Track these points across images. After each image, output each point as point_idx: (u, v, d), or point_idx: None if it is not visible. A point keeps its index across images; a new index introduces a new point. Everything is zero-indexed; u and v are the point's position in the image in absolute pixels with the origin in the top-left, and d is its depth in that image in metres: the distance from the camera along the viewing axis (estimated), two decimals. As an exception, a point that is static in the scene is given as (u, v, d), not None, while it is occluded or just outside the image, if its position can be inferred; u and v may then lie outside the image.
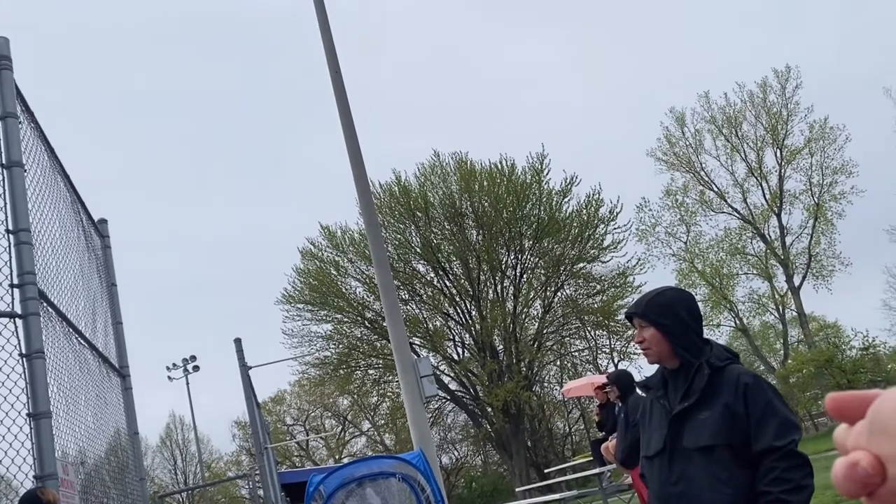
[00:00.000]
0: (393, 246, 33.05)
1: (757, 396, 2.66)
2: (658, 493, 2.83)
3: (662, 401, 2.86)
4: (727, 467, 2.64)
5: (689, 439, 2.72)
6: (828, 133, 35.15)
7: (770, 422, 2.62)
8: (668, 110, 37.82)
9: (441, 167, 34.03)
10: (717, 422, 2.66)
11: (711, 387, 2.72)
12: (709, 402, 2.71)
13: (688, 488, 2.70)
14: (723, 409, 2.67)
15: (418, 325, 33.83)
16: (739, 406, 2.66)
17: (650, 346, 2.83)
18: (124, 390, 6.60)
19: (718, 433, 2.65)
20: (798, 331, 38.11)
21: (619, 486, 11.74)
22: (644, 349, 2.86)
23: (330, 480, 4.90)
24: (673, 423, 2.77)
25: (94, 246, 6.57)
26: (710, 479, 2.65)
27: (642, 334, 2.86)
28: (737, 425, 2.65)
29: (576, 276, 33.94)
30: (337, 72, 10.52)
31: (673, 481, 2.75)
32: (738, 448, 2.64)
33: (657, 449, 2.82)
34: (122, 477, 6.10)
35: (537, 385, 35.70)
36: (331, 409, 46.34)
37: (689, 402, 2.73)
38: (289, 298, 34.55)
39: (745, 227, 36.70)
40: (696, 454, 2.69)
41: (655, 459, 2.84)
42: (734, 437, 2.64)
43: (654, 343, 2.83)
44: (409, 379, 9.43)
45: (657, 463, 2.83)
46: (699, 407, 2.72)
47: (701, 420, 2.70)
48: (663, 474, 2.80)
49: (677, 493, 2.73)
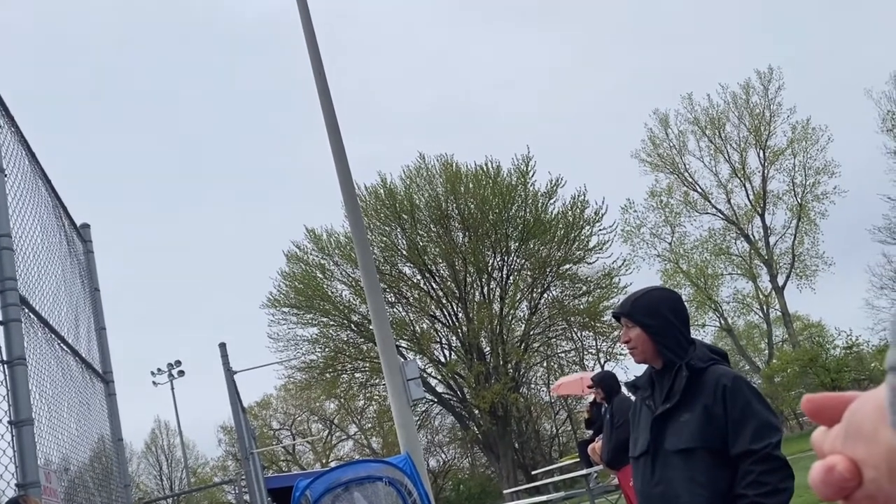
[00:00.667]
0: (379, 248, 33.00)
1: (735, 398, 2.66)
2: (642, 493, 2.84)
3: (648, 402, 2.87)
4: (706, 470, 2.63)
5: (670, 441, 2.73)
6: (810, 134, 35.47)
7: (748, 424, 2.62)
8: (652, 112, 38.06)
9: (427, 169, 34.05)
10: (697, 424, 2.66)
11: (692, 388, 2.72)
12: (689, 404, 2.71)
13: (667, 490, 2.71)
14: (702, 411, 2.66)
15: (405, 328, 33.79)
16: (718, 408, 2.65)
17: (636, 345, 2.84)
18: (108, 396, 6.54)
19: (697, 436, 2.65)
20: (782, 330, 38.39)
21: (605, 486, 11.78)
22: (630, 349, 2.87)
23: (316, 485, 4.88)
24: (655, 425, 2.78)
25: (76, 251, 6.51)
26: (687, 482, 2.65)
27: (628, 334, 2.86)
28: (715, 428, 2.64)
29: (562, 278, 34.04)
30: (320, 73, 10.49)
31: (655, 482, 2.76)
32: (717, 451, 2.64)
33: (642, 450, 2.83)
34: (107, 483, 6.05)
35: (524, 386, 35.76)
36: (317, 413, 46.19)
37: (671, 403, 2.74)
38: (274, 302, 34.44)
39: (729, 228, 36.95)
40: (675, 456, 2.70)
41: (640, 460, 2.85)
42: (713, 440, 2.64)
43: (639, 343, 2.83)
44: (395, 382, 9.41)
45: (641, 463, 2.85)
46: (680, 409, 2.72)
47: (682, 422, 2.70)
48: (646, 475, 2.81)
49: (658, 494, 2.74)
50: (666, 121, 37.28)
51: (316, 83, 10.57)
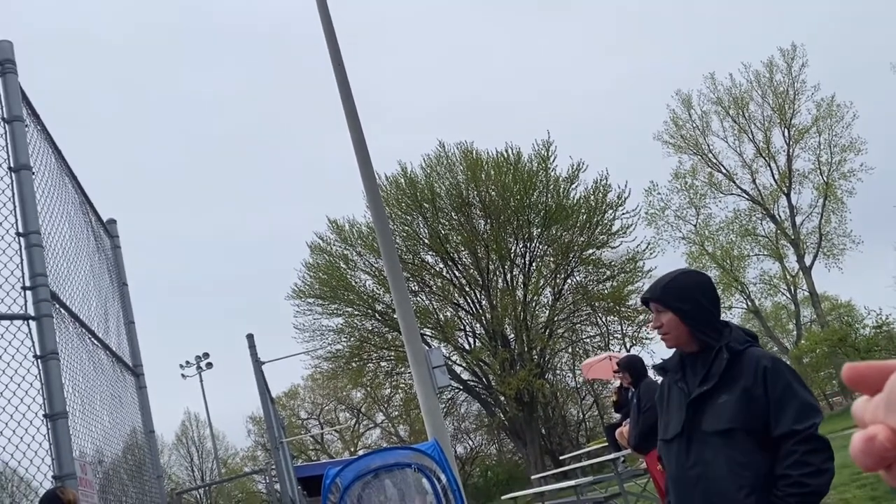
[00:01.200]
0: (401, 238, 33.06)
1: (776, 380, 2.65)
2: (675, 476, 2.82)
3: (681, 384, 2.85)
4: (745, 451, 2.63)
5: (707, 423, 2.71)
6: (835, 111, 34.90)
7: (790, 405, 2.62)
8: (675, 92, 37.63)
9: (447, 157, 33.98)
10: (736, 405, 2.65)
11: (730, 370, 2.71)
12: (728, 386, 2.69)
13: (705, 471, 2.69)
14: (741, 393, 2.66)
15: (429, 316, 33.86)
16: (758, 390, 2.65)
17: (668, 330, 2.81)
18: (138, 389, 6.64)
19: (737, 417, 2.64)
20: (810, 311, 37.98)
21: (634, 470, 11.75)
22: (662, 334, 2.84)
23: (346, 473, 4.92)
24: (691, 407, 2.76)
25: (103, 246, 6.60)
26: (728, 463, 2.64)
27: (660, 319, 2.83)
28: (755, 409, 2.64)
29: (585, 263, 33.88)
30: (339, 64, 10.50)
31: (690, 465, 2.74)
32: (757, 432, 2.63)
33: (675, 432, 2.81)
34: (140, 475, 6.14)
35: (550, 373, 35.71)
36: (344, 402, 46.52)
37: (708, 385, 2.72)
38: (299, 293, 34.68)
39: (754, 209, 36.52)
40: (714, 438, 2.68)
41: (673, 443, 2.83)
42: (753, 421, 2.63)
43: (672, 328, 2.80)
44: (421, 370, 9.45)
45: (675, 446, 2.82)
46: (718, 390, 2.71)
47: (720, 404, 2.69)
48: (681, 457, 2.79)
49: (694, 476, 2.72)
50: (689, 101, 36.89)
51: (335, 75, 10.59)
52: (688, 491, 2.75)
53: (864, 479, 8.25)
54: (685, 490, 2.77)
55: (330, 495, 4.78)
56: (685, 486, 2.77)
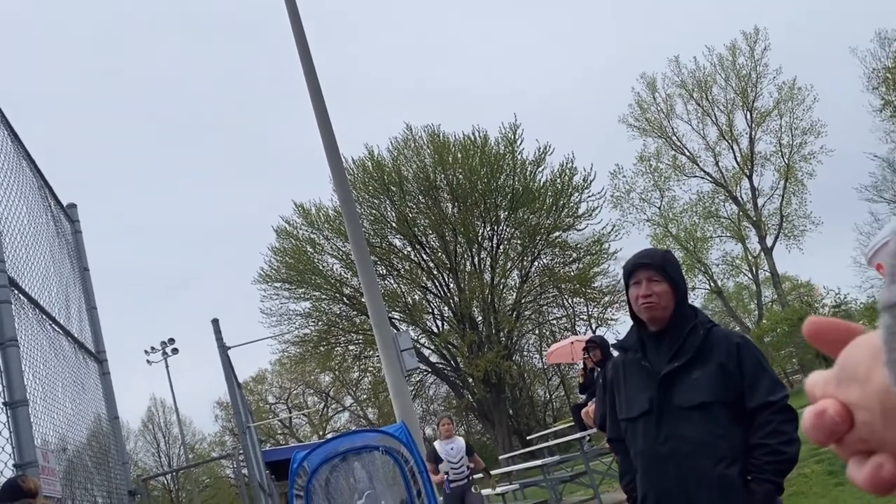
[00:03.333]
0: (368, 221, 32.94)
1: (749, 355, 2.74)
2: (645, 453, 2.82)
3: (643, 362, 2.87)
4: (722, 424, 2.69)
5: (681, 398, 2.74)
6: (796, 94, 35.40)
7: (763, 379, 2.70)
8: (640, 76, 37.88)
9: (414, 140, 33.89)
10: (711, 380, 2.71)
11: (701, 347, 2.76)
12: (700, 362, 2.74)
13: (679, 447, 2.72)
14: (716, 368, 2.71)
15: (397, 300, 33.87)
16: (732, 364, 2.72)
17: (659, 300, 2.80)
18: (102, 375, 6.55)
19: (714, 391, 2.70)
20: (771, 291, 38.66)
21: (599, 449, 11.91)
22: (651, 303, 2.80)
23: (313, 456, 4.92)
24: (662, 384, 2.78)
25: (64, 231, 6.48)
26: (706, 436, 2.68)
27: (652, 288, 2.81)
28: (731, 383, 2.70)
29: (552, 245, 34.10)
30: (304, 47, 10.38)
31: (661, 440, 2.76)
32: (732, 405, 2.70)
33: (643, 409, 2.82)
34: (105, 462, 6.08)
35: (517, 354, 36.01)
36: (313, 386, 46.42)
37: (680, 361, 2.76)
38: (265, 278, 34.42)
39: (717, 191, 37.00)
40: (690, 412, 2.71)
41: (640, 420, 2.84)
42: (728, 395, 2.70)
43: (663, 298, 2.80)
44: (389, 353, 9.46)
45: (642, 423, 2.83)
46: (690, 367, 2.75)
47: (693, 379, 2.73)
48: (650, 434, 2.80)
49: (666, 452, 2.74)
50: (653, 84, 37.14)
51: (300, 56, 10.47)
52: (660, 467, 2.76)
53: (822, 455, 8.47)
54: (657, 466, 2.78)
55: (297, 479, 4.79)
56: (657, 463, 2.78)
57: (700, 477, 2.68)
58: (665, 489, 2.77)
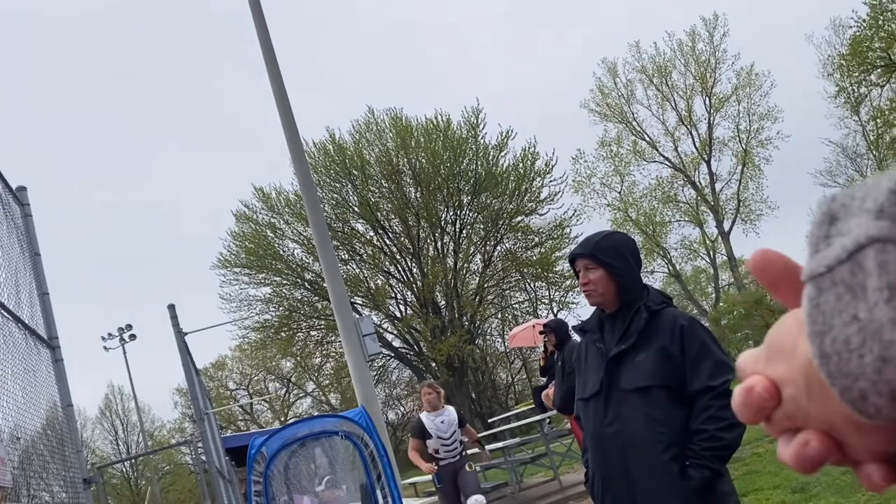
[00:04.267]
0: (330, 206, 32.69)
1: (692, 338, 2.74)
2: (594, 433, 2.88)
3: (599, 344, 2.90)
4: (662, 407, 2.71)
5: (626, 380, 2.77)
6: (754, 80, 35.95)
7: (705, 362, 2.70)
8: (601, 61, 38.08)
9: (376, 124, 33.66)
10: (654, 363, 2.73)
11: (648, 329, 2.78)
12: (645, 345, 2.77)
13: (622, 428, 2.76)
14: (659, 351, 2.73)
15: (359, 285, 33.75)
16: (675, 348, 2.73)
17: (596, 287, 2.84)
18: (55, 362, 6.40)
19: (655, 374, 2.72)
20: (728, 274, 39.39)
21: (559, 431, 12.05)
22: (589, 290, 2.86)
23: (272, 442, 4.88)
24: (609, 366, 2.82)
25: (13, 215, 6.30)
26: (646, 419, 2.71)
27: (588, 276, 2.86)
28: (672, 366, 2.72)
29: (514, 230, 34.26)
30: (263, 27, 10.21)
31: (608, 422, 2.80)
32: (674, 389, 2.72)
33: (594, 390, 2.86)
34: (62, 450, 5.97)
35: (480, 338, 36.18)
36: (274, 372, 46.11)
37: (627, 344, 2.78)
38: (225, 263, 33.98)
39: (676, 176, 37.48)
40: (631, 395, 2.75)
41: (591, 401, 2.88)
42: (670, 378, 2.71)
43: (600, 284, 2.84)
44: (351, 338, 9.43)
45: (592, 404, 2.88)
46: (636, 349, 2.78)
47: (638, 362, 2.76)
48: (598, 415, 2.85)
49: (612, 433, 2.79)
50: (614, 70, 37.39)
51: (259, 39, 10.29)
52: (606, 447, 2.81)
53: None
54: (603, 446, 2.83)
55: (256, 465, 4.75)
56: (603, 443, 2.83)
57: (640, 459, 2.72)
58: (609, 469, 2.82)
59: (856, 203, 0.38)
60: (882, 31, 26.92)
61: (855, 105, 30.98)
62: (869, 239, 0.36)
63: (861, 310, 0.36)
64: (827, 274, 0.38)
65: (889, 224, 0.35)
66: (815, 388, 0.40)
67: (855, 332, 0.36)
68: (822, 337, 0.38)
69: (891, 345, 0.35)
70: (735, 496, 2.82)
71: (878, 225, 0.36)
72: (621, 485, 2.77)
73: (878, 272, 0.35)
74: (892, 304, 0.35)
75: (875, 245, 0.35)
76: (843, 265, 0.37)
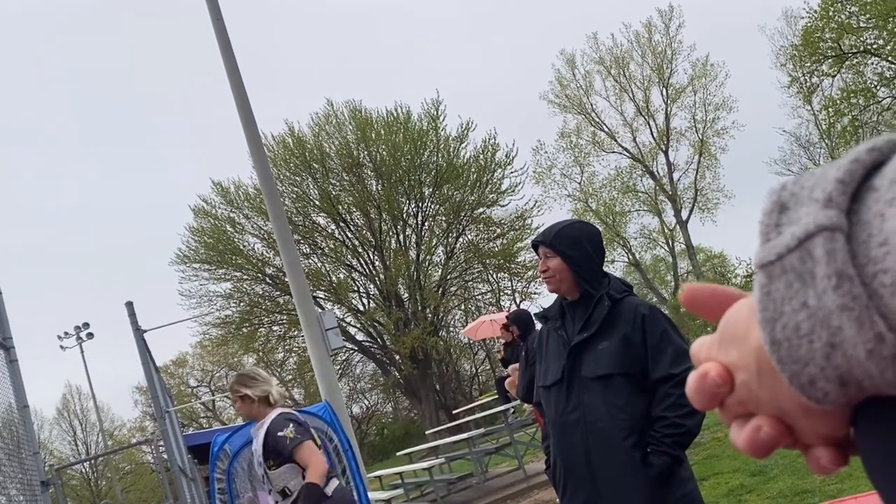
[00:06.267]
0: (290, 199, 32.40)
1: (653, 327, 2.77)
2: (555, 421, 2.90)
3: (560, 332, 2.93)
4: (624, 394, 2.74)
5: (587, 368, 2.80)
6: (709, 70, 36.48)
7: (666, 350, 2.74)
8: (559, 52, 38.32)
9: (336, 117, 33.41)
10: (615, 351, 2.76)
11: (610, 318, 2.81)
12: (607, 333, 2.79)
13: (584, 415, 2.79)
14: (621, 339, 2.76)
15: (321, 279, 33.54)
16: (637, 336, 2.76)
17: (554, 275, 2.88)
18: (9, 363, 6.25)
19: (616, 362, 2.75)
20: (687, 262, 40.00)
21: (523, 420, 12.14)
22: (547, 278, 2.90)
23: (235, 439, 4.84)
24: (571, 354, 2.84)
25: (-38, 213, 6.13)
26: (606, 406, 2.74)
27: (547, 263, 2.89)
28: (634, 355, 2.75)
29: (476, 222, 34.35)
30: (218, 18, 10.06)
31: (570, 409, 2.83)
32: (635, 376, 2.75)
33: (555, 378, 2.88)
34: (18, 453, 5.84)
35: (443, 330, 36.25)
36: (236, 368, 45.59)
37: (589, 332, 2.81)
38: (183, 258, 33.47)
39: (635, 166, 37.91)
40: (593, 383, 2.77)
41: (553, 388, 2.91)
42: (631, 366, 2.75)
43: (558, 272, 2.87)
44: (313, 333, 9.37)
45: (554, 392, 2.90)
46: (598, 337, 2.80)
47: (599, 350, 2.79)
48: (560, 403, 2.87)
49: (574, 421, 2.81)
50: (573, 61, 37.62)
51: (214, 30, 10.13)
52: (568, 434, 2.84)
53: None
54: (565, 434, 2.85)
55: (218, 463, 4.70)
56: (565, 430, 2.86)
57: (602, 446, 2.76)
58: (571, 456, 2.84)
59: (805, 192, 0.38)
60: (833, 21, 27.51)
61: (807, 95, 31.63)
62: (818, 227, 0.36)
63: (810, 297, 0.37)
64: (777, 262, 0.38)
65: (837, 213, 0.36)
66: (767, 374, 0.41)
67: (805, 318, 0.37)
68: (773, 324, 0.38)
69: (839, 331, 0.36)
70: (694, 481, 2.87)
71: (826, 214, 0.36)
72: (583, 471, 2.80)
73: (827, 260, 0.36)
74: (840, 291, 0.35)
75: (823, 233, 0.36)
76: (793, 253, 0.38)
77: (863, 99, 28.23)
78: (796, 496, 5.76)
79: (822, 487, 5.64)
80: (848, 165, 0.37)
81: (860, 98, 28.24)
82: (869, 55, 27.77)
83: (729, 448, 8.32)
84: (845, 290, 0.35)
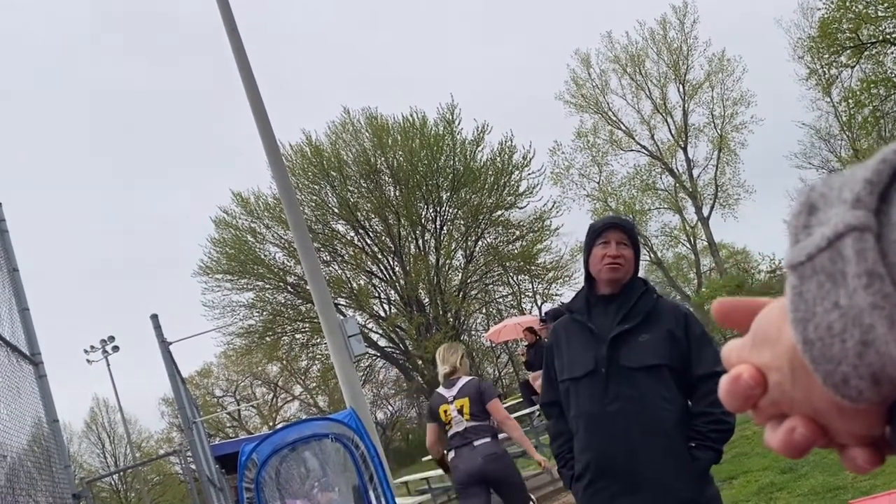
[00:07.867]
0: (309, 208, 32.58)
1: (696, 325, 2.85)
2: (590, 413, 2.84)
3: (589, 325, 2.91)
4: (669, 387, 2.76)
5: (629, 359, 2.78)
6: (726, 65, 36.22)
7: (708, 348, 2.80)
8: (574, 52, 38.22)
9: (352, 124, 33.57)
10: (661, 344, 2.78)
11: (651, 312, 2.84)
12: (649, 326, 2.81)
13: (626, 406, 2.75)
14: (666, 334, 2.80)
15: (342, 286, 33.66)
16: (680, 332, 2.80)
17: (625, 264, 2.91)
18: (38, 378, 6.34)
19: (664, 354, 2.77)
20: (710, 259, 39.70)
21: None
22: (617, 264, 2.89)
23: (262, 448, 4.86)
24: (612, 344, 2.82)
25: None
26: (653, 397, 2.74)
27: (621, 251, 2.91)
28: (678, 349, 2.79)
29: (495, 224, 34.31)
30: (234, 29, 10.14)
31: (609, 400, 2.78)
32: (678, 371, 2.78)
33: (588, 369, 2.84)
34: (49, 467, 5.91)
35: (465, 334, 36.22)
36: (260, 377, 45.90)
37: (631, 324, 2.82)
38: (206, 269, 33.76)
39: (653, 164, 37.69)
40: (639, 373, 2.76)
41: (584, 380, 2.86)
42: (675, 360, 2.78)
43: (628, 263, 2.92)
44: (336, 340, 9.39)
45: (586, 383, 2.85)
46: (639, 329, 2.81)
47: (642, 342, 2.79)
48: (596, 394, 2.82)
49: (613, 412, 2.77)
50: (587, 60, 37.50)
51: (230, 42, 10.21)
52: (606, 425, 2.79)
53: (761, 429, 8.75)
54: (603, 425, 2.80)
55: (246, 472, 4.73)
56: (603, 421, 2.80)
57: (647, 436, 2.73)
58: (608, 448, 2.79)
59: (833, 193, 0.39)
60: (850, 12, 27.20)
61: (826, 87, 31.28)
62: (847, 227, 0.37)
63: (842, 296, 0.37)
64: (808, 262, 0.39)
65: (865, 213, 0.37)
66: (800, 374, 0.41)
67: (836, 318, 0.37)
68: (806, 324, 0.39)
69: (871, 329, 0.36)
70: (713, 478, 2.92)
71: (855, 214, 0.37)
72: (621, 462, 2.75)
73: (857, 259, 0.36)
74: (871, 290, 0.36)
75: (853, 233, 0.37)
76: (823, 253, 0.38)
77: (883, 89, 27.87)
78: (828, 493, 5.68)
79: (854, 484, 5.56)
80: (876, 165, 0.37)
81: (881, 88, 27.88)
82: (888, 44, 27.42)
83: (758, 446, 8.24)
84: (876, 289, 0.36)
